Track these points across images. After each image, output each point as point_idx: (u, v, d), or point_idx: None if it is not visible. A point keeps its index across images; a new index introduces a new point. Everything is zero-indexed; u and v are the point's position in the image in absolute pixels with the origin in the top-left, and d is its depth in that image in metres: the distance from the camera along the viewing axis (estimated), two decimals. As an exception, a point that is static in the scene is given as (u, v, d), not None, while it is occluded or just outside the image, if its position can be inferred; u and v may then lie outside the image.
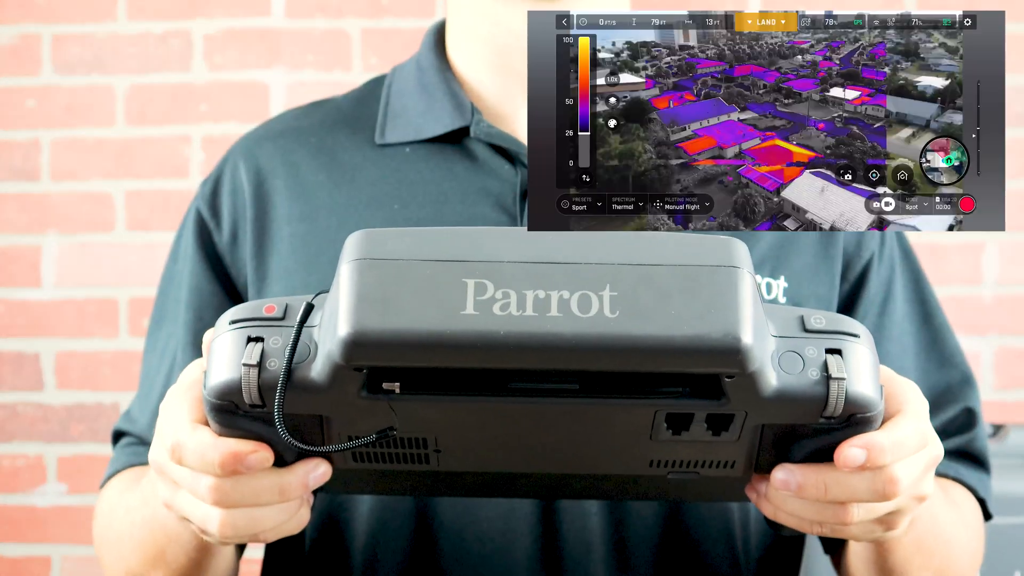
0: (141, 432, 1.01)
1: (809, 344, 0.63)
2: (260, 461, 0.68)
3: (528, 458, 0.71)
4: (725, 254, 0.60)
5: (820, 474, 0.68)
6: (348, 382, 0.62)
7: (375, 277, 0.59)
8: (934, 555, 0.90)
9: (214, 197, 1.02)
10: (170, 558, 0.87)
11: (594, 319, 0.58)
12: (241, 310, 0.65)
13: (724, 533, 0.95)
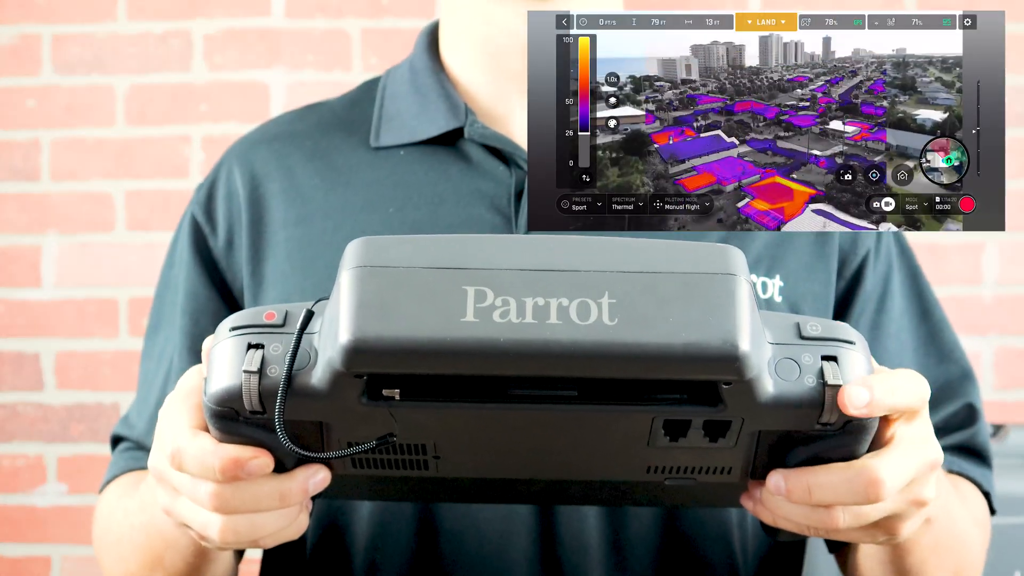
0: (139, 437, 1.01)
1: (805, 351, 0.64)
2: (260, 467, 0.68)
3: (527, 464, 0.71)
4: (723, 262, 0.61)
5: (804, 477, 0.68)
6: (348, 389, 0.62)
7: (375, 284, 0.59)
8: (950, 554, 0.90)
9: (209, 202, 1.02)
10: (168, 563, 0.87)
11: (593, 326, 0.59)
12: (241, 317, 0.65)
13: (722, 535, 0.95)
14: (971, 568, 0.94)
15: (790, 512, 0.71)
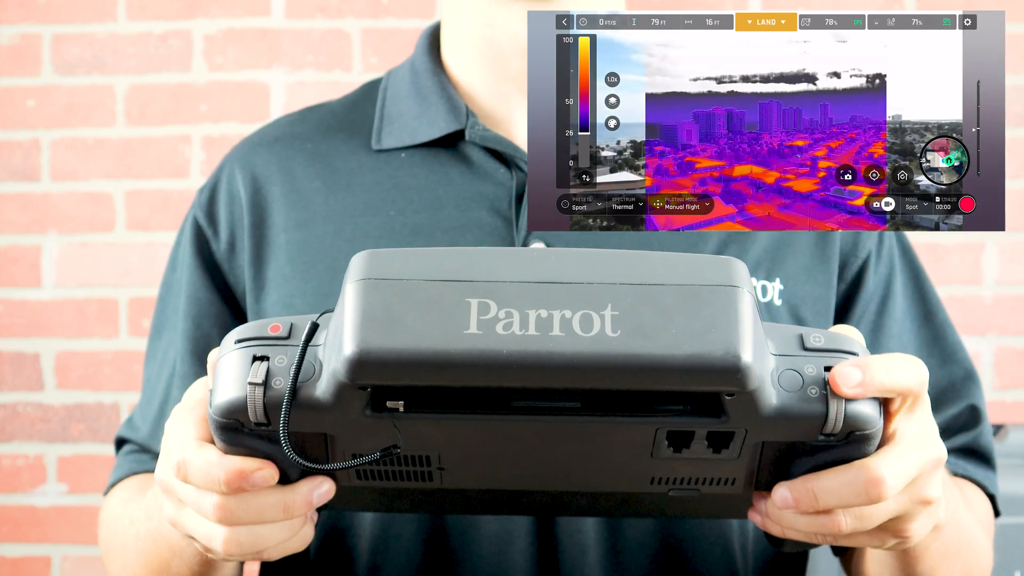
0: (143, 440, 1.02)
1: (808, 362, 0.64)
2: (265, 479, 0.68)
3: (531, 476, 0.71)
4: (725, 274, 0.61)
5: (807, 484, 0.68)
6: (352, 400, 0.62)
7: (380, 297, 0.60)
8: (959, 559, 0.89)
9: (211, 205, 1.02)
10: (175, 572, 0.87)
11: (596, 338, 0.59)
12: (246, 329, 0.66)
13: (721, 537, 0.94)
14: (979, 573, 0.94)
15: (796, 522, 0.70)
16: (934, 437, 0.70)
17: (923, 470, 0.69)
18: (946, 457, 0.71)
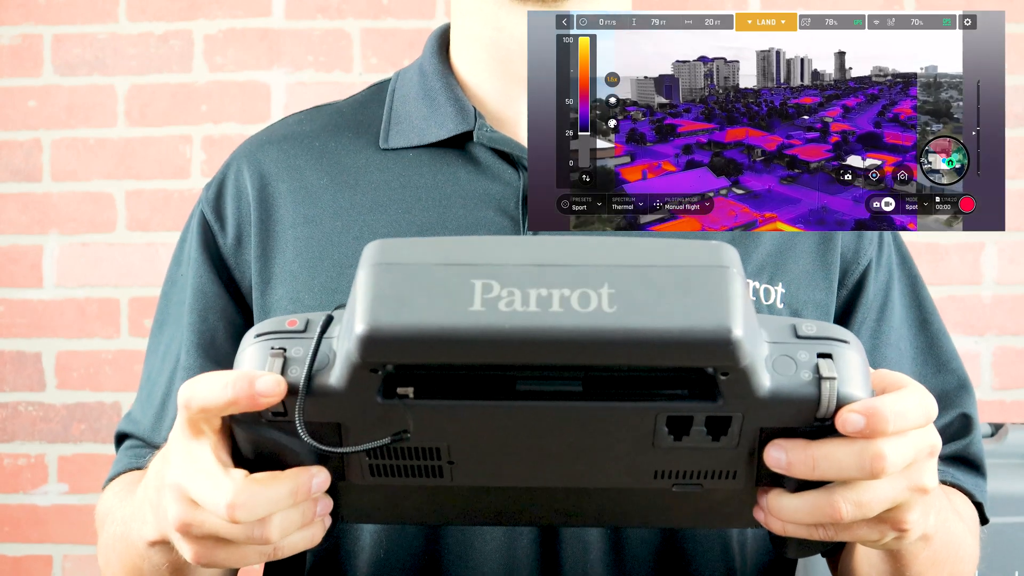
0: (145, 434, 1.02)
1: (801, 349, 0.67)
2: (271, 384, 0.69)
3: (537, 470, 0.73)
4: (716, 257, 0.64)
5: (808, 449, 0.68)
6: (365, 385, 0.65)
7: (389, 280, 0.63)
8: (946, 567, 0.90)
9: (218, 201, 1.03)
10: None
11: (593, 314, 0.62)
12: (265, 325, 0.70)
13: (721, 539, 0.95)
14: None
15: (796, 512, 0.71)
16: (929, 425, 0.71)
17: (919, 454, 0.70)
18: (940, 446, 0.72)
